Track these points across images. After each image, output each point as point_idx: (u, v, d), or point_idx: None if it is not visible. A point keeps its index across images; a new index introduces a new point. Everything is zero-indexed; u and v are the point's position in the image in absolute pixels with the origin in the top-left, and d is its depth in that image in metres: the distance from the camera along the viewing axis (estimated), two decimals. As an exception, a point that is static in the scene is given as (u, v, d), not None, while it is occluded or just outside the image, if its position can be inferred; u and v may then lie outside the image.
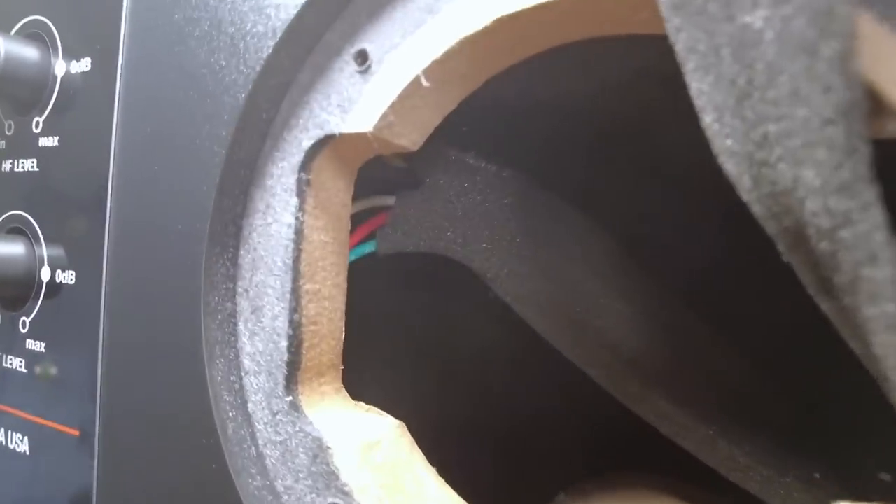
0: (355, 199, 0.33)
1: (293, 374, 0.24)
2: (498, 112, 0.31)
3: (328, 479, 0.23)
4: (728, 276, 0.39)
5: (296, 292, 0.24)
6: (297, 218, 0.24)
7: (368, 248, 0.33)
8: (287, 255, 0.24)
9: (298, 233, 0.24)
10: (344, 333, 0.27)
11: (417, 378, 0.46)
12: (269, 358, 0.25)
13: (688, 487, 0.42)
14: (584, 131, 0.35)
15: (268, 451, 0.24)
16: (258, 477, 0.24)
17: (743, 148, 0.18)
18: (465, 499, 0.24)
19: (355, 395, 0.27)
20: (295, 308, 0.24)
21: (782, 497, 0.33)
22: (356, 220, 0.34)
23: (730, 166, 0.18)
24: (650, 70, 0.29)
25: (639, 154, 0.37)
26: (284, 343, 0.24)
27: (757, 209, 0.19)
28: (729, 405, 0.34)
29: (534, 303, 0.35)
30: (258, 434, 0.25)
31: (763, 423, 0.33)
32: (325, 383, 0.26)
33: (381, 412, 0.26)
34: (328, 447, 0.23)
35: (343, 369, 0.27)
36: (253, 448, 0.24)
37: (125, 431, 0.26)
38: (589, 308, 0.35)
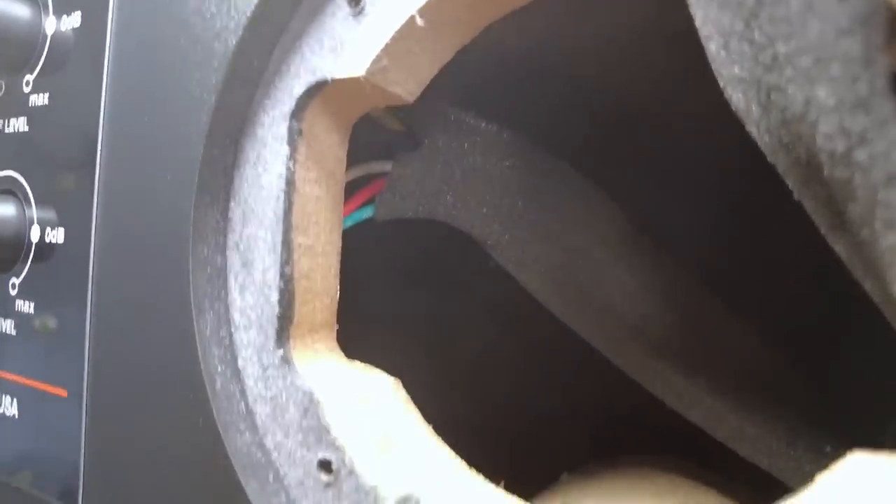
0: (353, 165, 0.32)
1: (285, 328, 0.24)
2: (499, 70, 0.31)
3: (319, 433, 0.22)
4: (739, 248, 0.38)
5: (287, 245, 0.24)
6: (287, 168, 0.23)
7: (366, 213, 0.33)
8: (278, 206, 0.24)
9: (289, 183, 0.24)
10: (338, 293, 0.26)
11: (415, 364, 0.45)
12: (259, 312, 0.24)
13: (696, 469, 0.41)
14: (592, 97, 0.34)
15: (258, 408, 0.23)
16: (247, 433, 0.23)
17: (751, 74, 0.17)
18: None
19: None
20: (286, 261, 0.24)
21: (792, 470, 0.31)
22: (355, 186, 0.33)
23: (737, 96, 0.18)
24: (655, 26, 0.28)
25: (650, 124, 0.36)
26: (275, 296, 0.23)
27: (766, 141, 0.18)
28: (738, 377, 0.32)
29: (536, 270, 0.34)
30: (248, 390, 0.24)
31: (773, 396, 0.32)
32: (318, 340, 0.25)
33: (377, 369, 0.25)
34: (319, 401, 0.22)
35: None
36: (242, 404, 0.24)
37: (113, 389, 0.25)
38: (594, 276, 0.34)
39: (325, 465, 0.22)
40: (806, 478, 0.32)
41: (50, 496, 0.26)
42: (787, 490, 0.33)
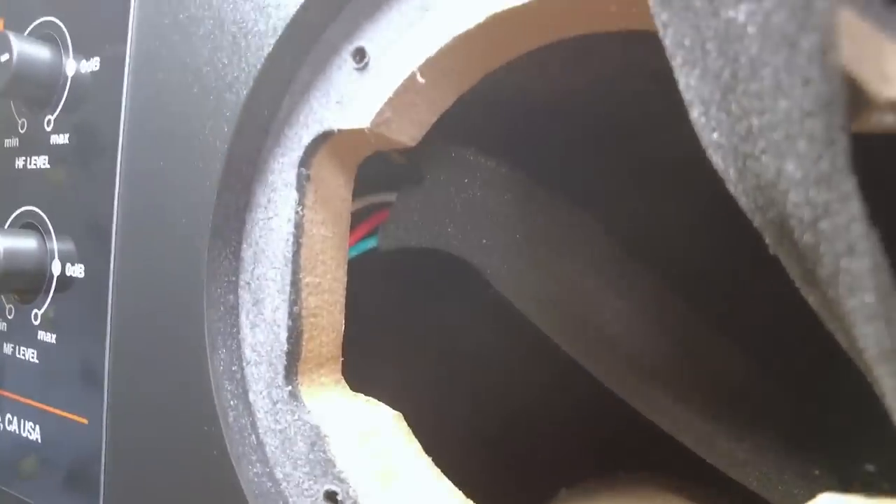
0: (358, 195, 0.33)
1: (293, 364, 0.25)
2: (496, 109, 0.32)
3: (325, 466, 0.23)
4: (728, 274, 0.39)
5: (296, 285, 0.25)
6: (297, 212, 0.25)
7: (370, 243, 0.34)
8: (287, 248, 0.25)
9: (298, 227, 0.25)
10: (343, 326, 0.28)
11: (416, 378, 0.46)
12: (269, 348, 0.25)
13: (692, 487, 0.43)
14: (582, 130, 0.35)
15: (268, 440, 0.25)
16: (258, 464, 0.24)
17: (728, 141, 0.18)
18: (464, 495, 0.24)
19: (354, 391, 0.28)
20: (295, 300, 0.25)
21: (781, 493, 0.33)
22: (359, 216, 0.35)
23: (717, 159, 0.19)
24: (641, 65, 0.30)
25: (637, 152, 0.37)
26: (284, 334, 0.25)
27: (743, 202, 0.19)
28: (728, 401, 0.34)
29: (533, 299, 0.35)
30: (259, 423, 0.25)
31: (762, 420, 0.33)
32: (324, 374, 0.27)
33: (379, 403, 0.26)
34: (325, 435, 0.24)
35: (343, 362, 0.28)
36: (253, 436, 0.25)
37: (131, 419, 0.27)
38: (588, 304, 0.35)
39: (330, 497, 0.23)
40: (794, 501, 0.33)
41: (71, 518, 0.28)
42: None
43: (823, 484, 0.32)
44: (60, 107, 0.31)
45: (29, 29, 0.32)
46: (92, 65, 0.30)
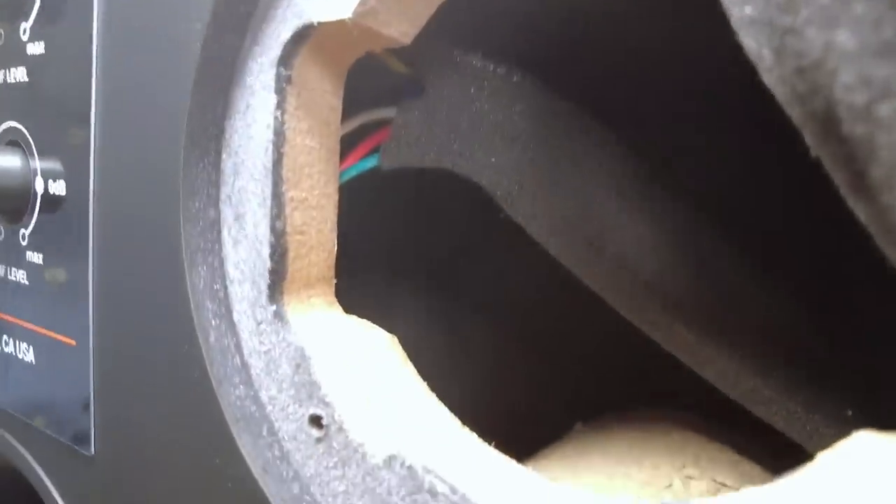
0: (356, 112, 0.31)
1: (277, 283, 0.23)
2: (506, 6, 0.28)
3: (310, 389, 0.22)
4: (762, 203, 0.35)
5: (278, 198, 0.23)
6: (276, 118, 0.22)
7: (371, 162, 0.32)
8: (267, 158, 0.23)
9: (279, 134, 0.23)
10: (336, 247, 0.26)
11: (421, 308, 0.45)
12: (252, 266, 0.24)
13: (714, 426, 0.41)
14: (606, 36, 0.32)
15: (253, 361, 0.24)
16: (241, 386, 0.23)
17: (764, 13, 0.15)
18: (470, 426, 0.23)
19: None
20: (277, 215, 0.23)
21: (809, 433, 0.30)
22: (359, 134, 0.32)
23: (748, 40, 0.16)
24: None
25: (668, 68, 0.33)
26: (267, 251, 0.23)
27: (780, 92, 0.16)
28: (757, 336, 0.31)
29: (547, 223, 0.32)
30: (243, 344, 0.24)
31: (794, 356, 0.31)
32: (314, 295, 0.25)
33: (374, 326, 0.25)
34: (310, 357, 0.22)
35: (340, 286, 0.26)
36: (237, 357, 0.24)
37: (117, 340, 0.26)
38: (607, 229, 0.32)
39: (315, 421, 0.22)
40: (824, 442, 0.31)
41: (65, 437, 0.28)
42: (806, 452, 0.32)
43: (857, 426, 0.30)
44: (35, 12, 0.29)
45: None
46: (63, -37, 0.28)
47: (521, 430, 0.52)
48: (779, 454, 0.35)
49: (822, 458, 0.17)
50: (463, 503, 0.19)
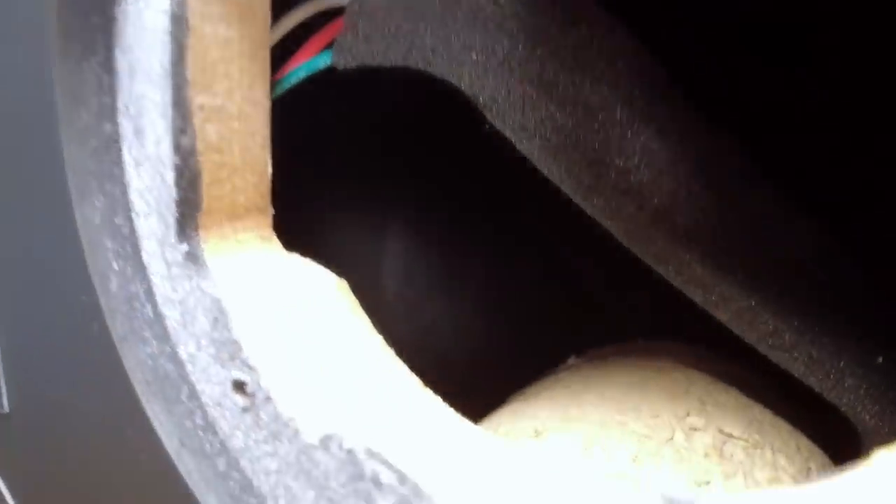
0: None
1: (188, 216, 0.19)
2: None
3: (231, 348, 0.18)
4: (792, 124, 0.30)
5: (181, 106, 0.18)
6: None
7: (323, 60, 0.26)
8: (165, 53, 0.17)
9: (178, 21, 0.17)
10: (271, 167, 0.21)
11: (394, 237, 0.40)
12: (157, 195, 0.19)
13: (720, 360, 0.37)
14: None
15: (167, 312, 0.19)
16: (154, 342, 0.19)
17: None
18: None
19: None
20: (183, 129, 0.18)
21: (832, 382, 0.26)
22: (312, 28, 0.27)
23: None
24: None
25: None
26: (171, 175, 0.18)
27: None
28: (780, 273, 0.26)
29: (540, 135, 0.27)
30: (155, 290, 0.19)
31: (822, 296, 0.26)
32: (242, 229, 0.20)
33: (319, 267, 0.20)
34: (227, 311, 0.18)
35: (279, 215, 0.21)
36: (149, 307, 0.19)
37: (10, 288, 0.22)
38: (612, 143, 0.27)
39: (239, 387, 0.18)
40: (847, 392, 0.27)
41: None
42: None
43: (887, 375, 0.26)
44: None
45: None
46: None
47: (517, 360, 0.49)
48: (791, 391, 0.31)
49: (880, 458, 0.13)
50: (413, 496, 0.15)
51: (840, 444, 0.31)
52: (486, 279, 0.53)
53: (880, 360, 0.26)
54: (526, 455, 0.17)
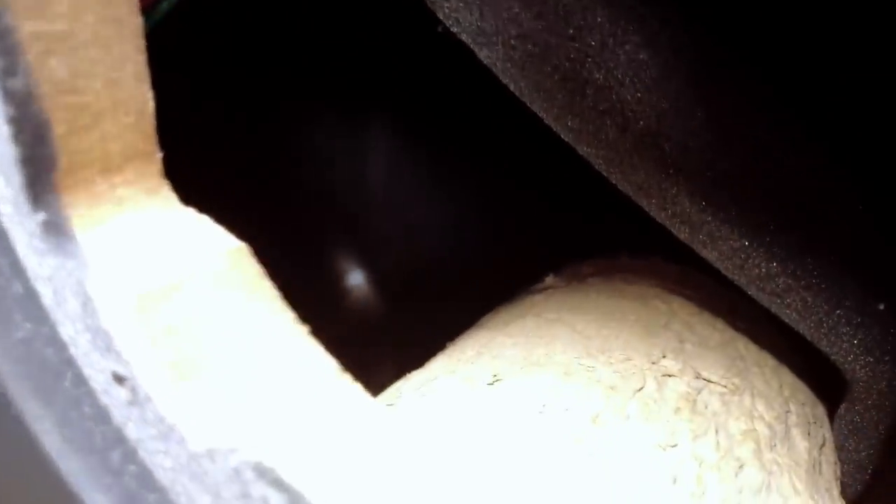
0: None
1: (40, 178, 0.15)
2: None
3: (105, 339, 0.15)
4: (801, 37, 0.24)
5: (7, 38, 0.14)
6: None
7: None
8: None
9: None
10: (153, 101, 0.17)
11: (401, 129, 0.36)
12: (0, 154, 0.15)
13: (707, 280, 0.34)
14: None
15: (41, 289, 0.16)
16: (27, 324, 0.16)
17: None
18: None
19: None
20: (10, 68, 0.14)
21: (825, 329, 0.24)
22: None
23: None
24: None
25: None
26: (6, 130, 0.14)
27: None
28: (777, 209, 0.23)
29: (503, 42, 0.22)
30: (24, 264, 0.16)
31: (822, 237, 0.23)
32: (123, 184, 0.17)
33: (216, 227, 0.17)
34: (92, 296, 0.15)
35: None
36: (18, 284, 0.16)
37: None
38: (591, 53, 0.22)
39: (119, 380, 0.15)
40: (840, 340, 0.24)
41: None
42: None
43: (887, 325, 0.23)
44: None
45: None
46: None
47: (503, 263, 0.47)
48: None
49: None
50: (308, 522, 0.13)
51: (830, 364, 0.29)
52: (474, 184, 0.49)
53: (882, 306, 0.23)
54: (451, 470, 0.15)
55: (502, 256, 0.48)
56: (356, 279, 0.51)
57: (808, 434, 0.27)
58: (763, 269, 0.23)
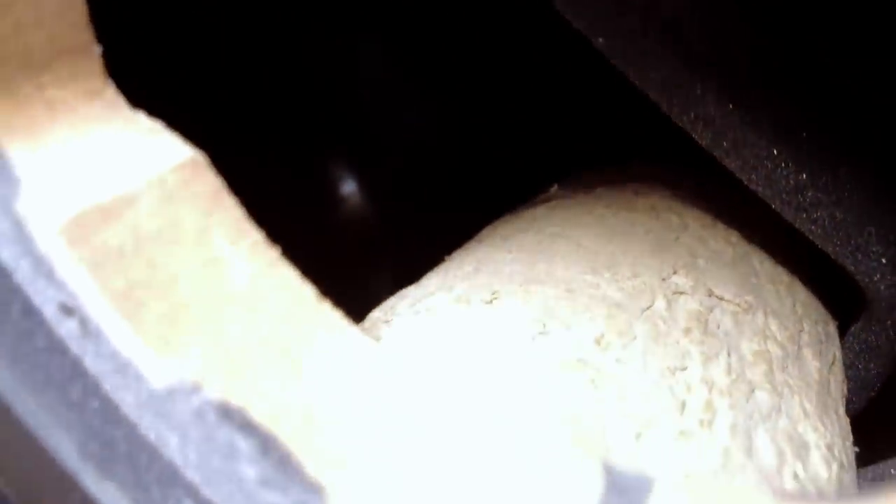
0: None
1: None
2: None
3: (46, 266, 0.13)
4: None
5: None
6: None
7: None
8: None
9: None
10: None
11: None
12: None
13: (723, 189, 0.32)
14: None
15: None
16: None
17: None
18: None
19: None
20: None
21: (852, 248, 0.22)
22: None
23: None
24: None
25: None
26: None
27: None
28: (814, 113, 0.20)
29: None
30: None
31: (860, 147, 0.20)
32: (53, 84, 0.14)
33: (166, 133, 0.15)
34: (23, 220, 0.13)
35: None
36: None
37: None
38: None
39: (68, 311, 0.14)
40: (867, 259, 0.22)
41: None
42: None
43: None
44: None
45: None
46: None
47: (505, 168, 0.44)
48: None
49: None
50: (279, 472, 0.12)
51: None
52: (476, 89, 0.46)
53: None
54: (443, 396, 0.13)
55: (504, 166, 0.46)
56: (350, 188, 0.49)
57: (819, 353, 0.26)
58: (791, 181, 0.21)
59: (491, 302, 0.23)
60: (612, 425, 0.17)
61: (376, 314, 0.26)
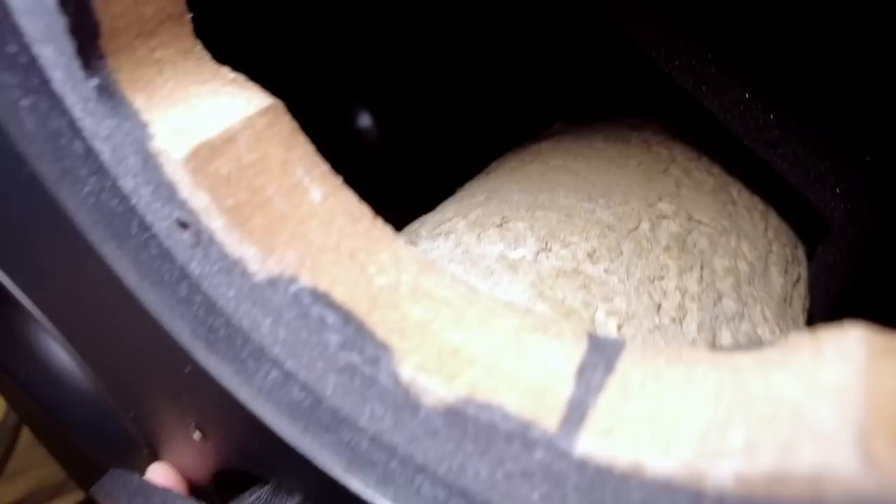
0: None
1: (88, 44, 0.16)
2: None
3: (168, 191, 0.17)
4: None
5: None
6: None
7: None
8: None
9: None
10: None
11: None
12: (46, 22, 0.16)
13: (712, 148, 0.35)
14: None
15: (99, 146, 0.18)
16: (93, 178, 0.18)
17: None
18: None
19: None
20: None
21: (811, 179, 0.26)
22: None
23: None
24: None
25: None
26: (52, 1, 0.15)
27: None
28: (779, 63, 0.23)
29: None
30: (80, 124, 0.18)
31: (818, 92, 0.24)
32: (160, 46, 0.18)
33: (249, 85, 0.18)
34: (153, 152, 0.17)
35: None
36: (78, 143, 0.18)
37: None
38: None
39: (183, 226, 0.18)
40: (824, 189, 0.26)
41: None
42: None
43: (872, 177, 0.25)
44: None
45: None
46: None
47: (511, 117, 0.47)
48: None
49: (798, 341, 0.13)
50: (356, 337, 0.16)
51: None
52: (488, 33, 0.47)
53: (868, 159, 0.25)
54: (470, 288, 0.17)
55: (514, 102, 0.48)
56: (365, 121, 0.52)
57: (785, 272, 0.30)
58: (760, 120, 0.25)
59: (501, 225, 0.27)
60: (598, 318, 0.22)
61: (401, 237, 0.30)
